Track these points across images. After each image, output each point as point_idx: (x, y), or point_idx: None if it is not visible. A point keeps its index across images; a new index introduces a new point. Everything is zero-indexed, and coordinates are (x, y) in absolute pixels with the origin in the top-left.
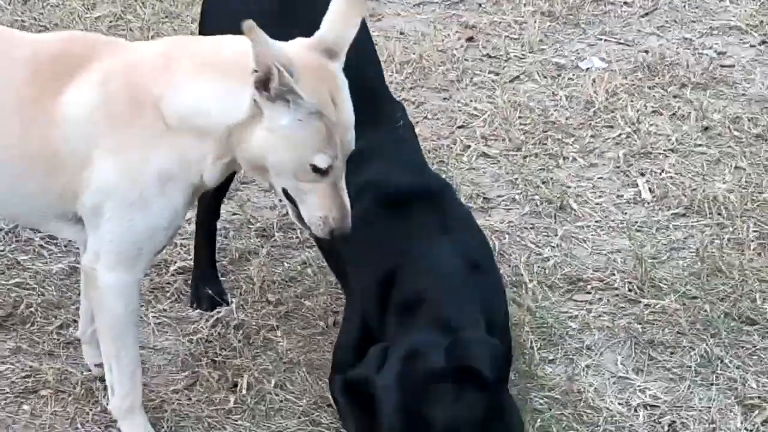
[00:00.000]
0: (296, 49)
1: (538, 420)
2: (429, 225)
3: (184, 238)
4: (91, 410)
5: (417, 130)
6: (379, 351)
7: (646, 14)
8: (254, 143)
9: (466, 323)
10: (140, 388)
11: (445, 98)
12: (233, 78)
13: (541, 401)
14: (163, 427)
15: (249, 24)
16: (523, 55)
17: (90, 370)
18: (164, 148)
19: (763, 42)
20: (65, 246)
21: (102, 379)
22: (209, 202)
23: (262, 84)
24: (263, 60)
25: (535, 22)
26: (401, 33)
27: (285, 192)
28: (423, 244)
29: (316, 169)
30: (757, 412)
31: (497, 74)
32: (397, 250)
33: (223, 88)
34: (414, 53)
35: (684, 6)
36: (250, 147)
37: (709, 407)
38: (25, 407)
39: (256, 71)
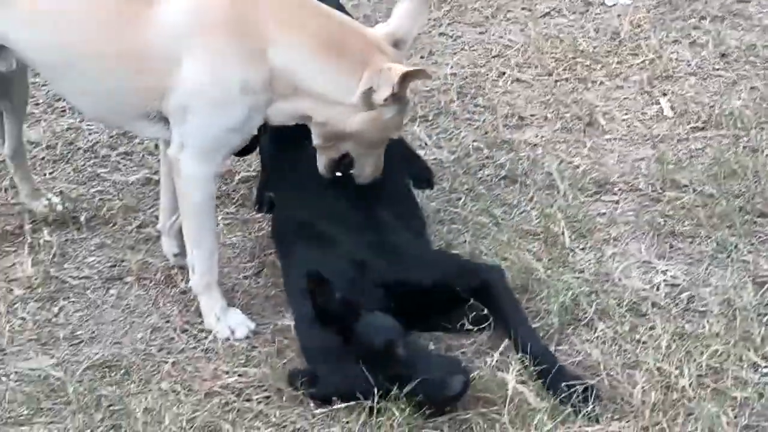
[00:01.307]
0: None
1: (570, 294)
2: None
3: None
4: (170, 292)
5: (455, 59)
6: None
7: None
8: (352, 124)
9: None
10: (217, 267)
11: (480, 32)
12: (352, 70)
13: (572, 280)
14: (235, 305)
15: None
16: None
17: (168, 260)
18: (255, 72)
19: None
20: (139, 161)
21: (180, 268)
22: None
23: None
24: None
25: None
26: None
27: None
28: None
29: (390, 140)
30: (767, 285)
31: (529, 11)
32: None
33: (342, 76)
34: None
35: None
36: (346, 125)
37: (724, 285)
38: (112, 291)
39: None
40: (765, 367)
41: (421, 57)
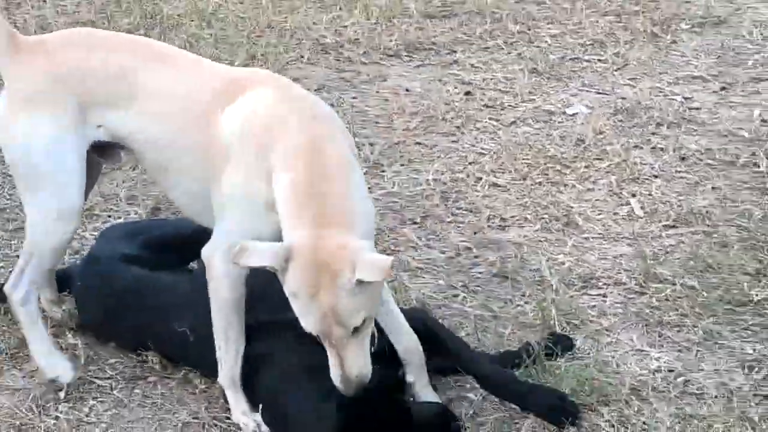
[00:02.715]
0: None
1: (575, 380)
2: None
3: None
4: (193, 391)
5: (434, 166)
6: None
7: (619, 69)
8: None
9: None
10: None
11: (453, 141)
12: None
13: (574, 368)
14: None
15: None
16: (516, 104)
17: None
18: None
19: (723, 88)
20: None
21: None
22: None
23: None
24: None
25: (523, 77)
26: (407, 90)
27: None
28: None
29: None
30: (756, 369)
31: (497, 120)
32: None
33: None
34: (422, 105)
35: (651, 61)
36: None
37: (716, 369)
38: (137, 390)
39: None
40: None
41: (402, 165)
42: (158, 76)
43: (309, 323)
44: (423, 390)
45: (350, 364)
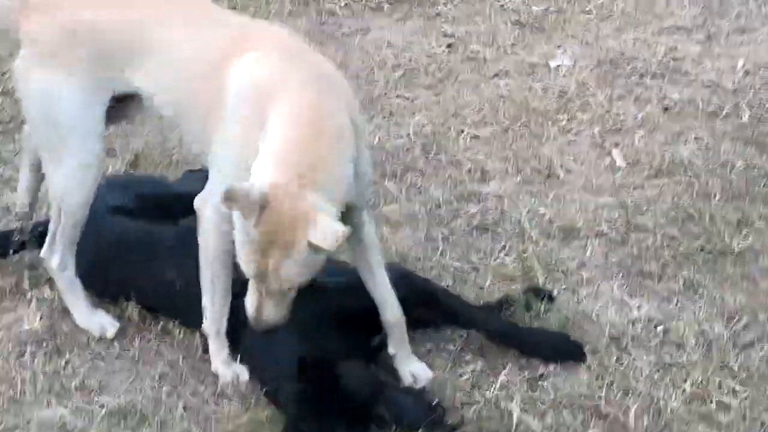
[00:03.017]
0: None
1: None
2: None
3: None
4: (171, 342)
5: (415, 119)
6: None
7: (603, 20)
8: None
9: None
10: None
11: (436, 94)
12: None
13: (555, 319)
14: None
15: None
16: (498, 57)
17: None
18: None
19: (708, 38)
20: None
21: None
22: None
23: None
24: None
25: (506, 29)
26: (389, 43)
27: None
28: None
29: None
30: (736, 318)
31: (479, 73)
32: None
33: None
34: (404, 58)
35: (635, 12)
36: None
37: (696, 318)
38: (115, 342)
39: None
40: (744, 392)
41: (383, 117)
42: (171, 26)
43: (248, 269)
44: (404, 361)
45: (268, 312)
